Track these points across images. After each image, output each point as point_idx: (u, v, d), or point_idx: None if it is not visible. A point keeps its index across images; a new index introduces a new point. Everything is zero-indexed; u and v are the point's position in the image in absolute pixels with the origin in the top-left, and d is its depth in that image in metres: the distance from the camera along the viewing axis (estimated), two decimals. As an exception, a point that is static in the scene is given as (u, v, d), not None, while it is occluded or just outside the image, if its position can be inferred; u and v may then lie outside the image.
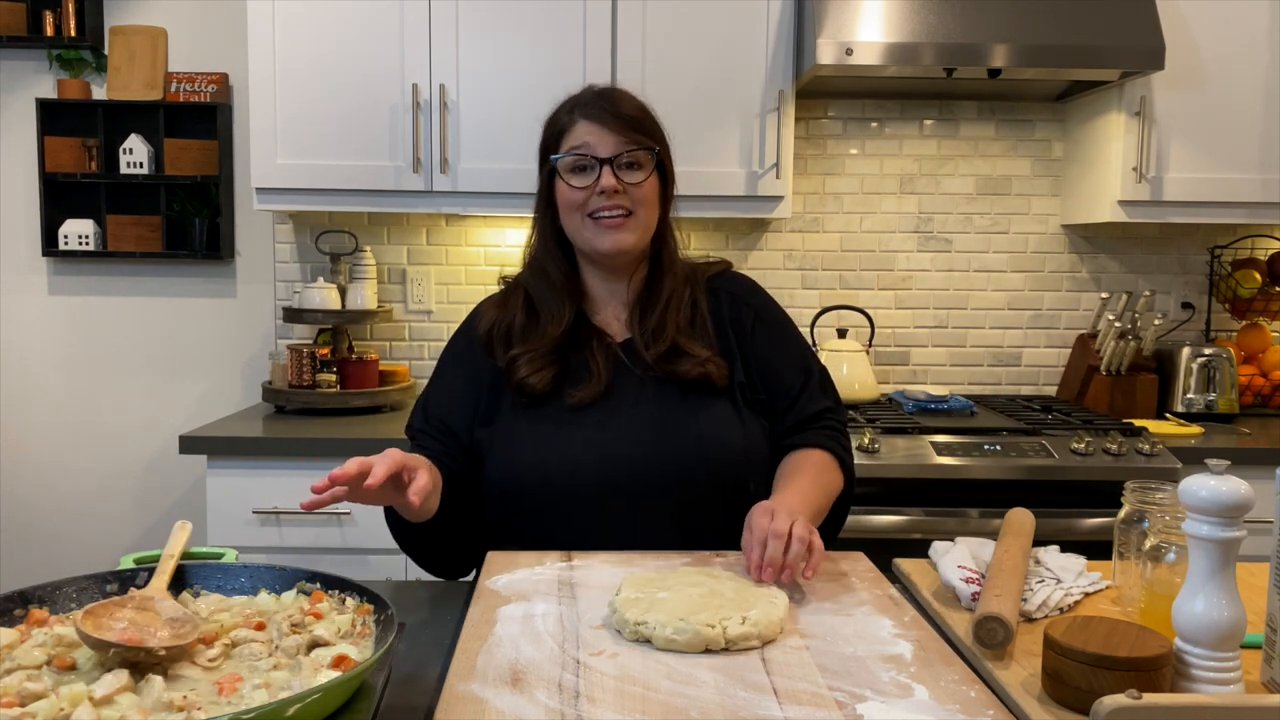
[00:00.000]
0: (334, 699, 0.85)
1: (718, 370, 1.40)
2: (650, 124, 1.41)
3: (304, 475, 2.29)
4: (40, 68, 2.87)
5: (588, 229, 1.39)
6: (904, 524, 2.23)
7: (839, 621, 1.06)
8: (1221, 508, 0.85)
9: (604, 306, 1.47)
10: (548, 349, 1.39)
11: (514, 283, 1.49)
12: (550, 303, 1.42)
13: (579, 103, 1.41)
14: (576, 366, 1.40)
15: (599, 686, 0.89)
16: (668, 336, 1.40)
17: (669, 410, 1.38)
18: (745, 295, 1.51)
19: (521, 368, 1.38)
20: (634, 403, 1.39)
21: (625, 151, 1.37)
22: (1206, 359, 2.69)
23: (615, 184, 1.35)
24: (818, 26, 2.36)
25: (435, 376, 1.50)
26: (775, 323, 1.50)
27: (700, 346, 1.41)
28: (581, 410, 1.37)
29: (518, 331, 1.42)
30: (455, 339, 1.51)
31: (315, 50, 2.50)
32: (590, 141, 1.37)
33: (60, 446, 2.95)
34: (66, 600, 1.03)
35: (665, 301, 1.42)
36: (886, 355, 2.98)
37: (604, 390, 1.38)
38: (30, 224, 2.88)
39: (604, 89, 1.44)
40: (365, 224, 2.90)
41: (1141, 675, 0.83)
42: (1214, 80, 2.57)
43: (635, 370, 1.41)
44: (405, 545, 1.41)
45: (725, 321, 1.46)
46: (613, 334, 1.45)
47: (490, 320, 1.45)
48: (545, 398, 1.38)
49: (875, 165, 2.94)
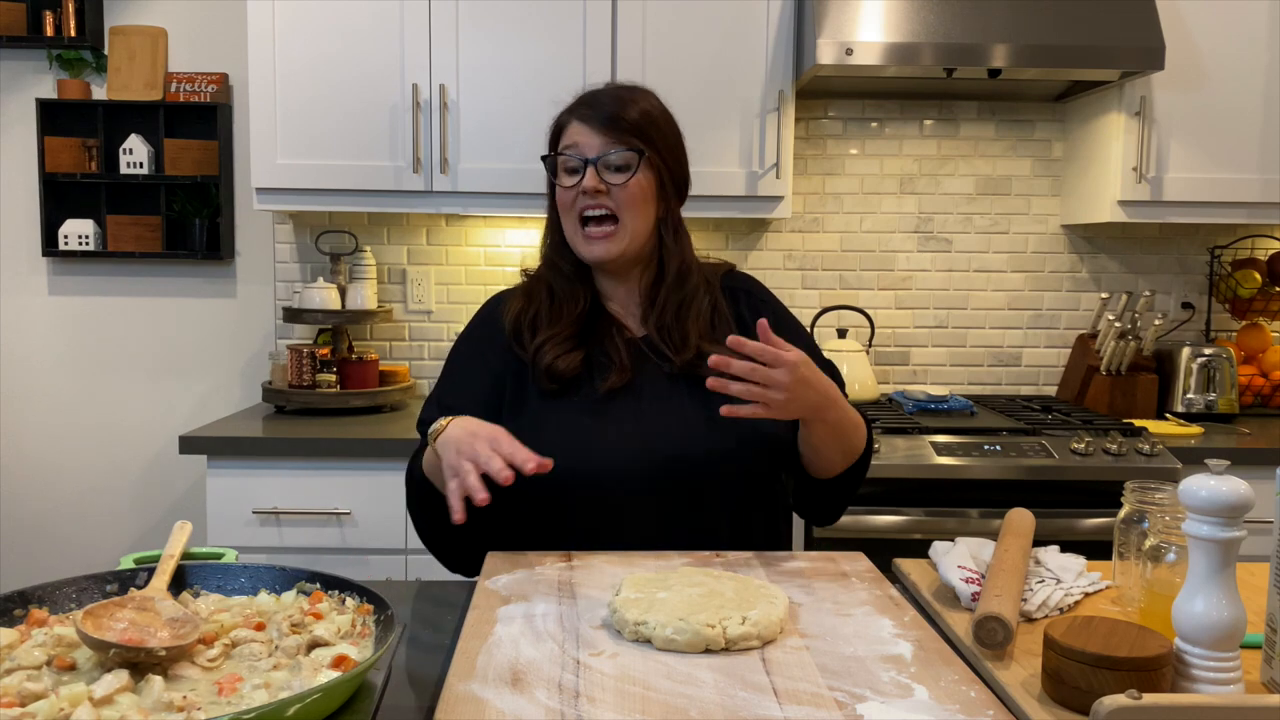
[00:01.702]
0: (334, 699, 0.85)
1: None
2: (649, 125, 1.40)
3: (304, 475, 2.31)
4: (40, 68, 2.87)
5: (577, 237, 1.41)
6: (904, 524, 2.23)
7: (839, 621, 1.06)
8: (1221, 508, 0.85)
9: (614, 300, 1.48)
10: (569, 332, 1.41)
11: (535, 276, 1.50)
12: (565, 290, 1.45)
13: (578, 102, 1.42)
14: (599, 355, 1.42)
15: (599, 686, 0.89)
16: (691, 345, 1.40)
17: (705, 403, 1.34)
18: (760, 295, 1.53)
19: (548, 353, 1.39)
20: (668, 396, 1.39)
21: (609, 152, 1.37)
22: (1206, 359, 2.69)
23: (597, 184, 1.37)
24: (818, 26, 2.36)
25: (449, 371, 1.49)
26: (791, 327, 1.51)
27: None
28: (612, 399, 1.37)
29: (543, 318, 1.43)
30: (471, 331, 1.51)
31: (315, 50, 2.51)
32: (578, 142, 1.39)
33: (60, 447, 2.95)
34: (66, 600, 1.03)
35: (680, 305, 1.43)
36: (886, 355, 2.98)
37: (630, 379, 1.39)
38: (30, 224, 2.88)
39: (609, 89, 1.44)
40: (365, 224, 2.90)
41: (1141, 675, 0.83)
42: (1214, 80, 2.57)
43: (662, 366, 1.41)
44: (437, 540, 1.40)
45: (746, 321, 1.47)
46: (629, 327, 1.46)
47: (517, 310, 1.46)
48: (573, 385, 1.39)
49: (875, 165, 2.94)
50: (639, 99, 1.42)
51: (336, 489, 2.31)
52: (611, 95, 1.42)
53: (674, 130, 1.45)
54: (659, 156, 1.41)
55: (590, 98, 1.42)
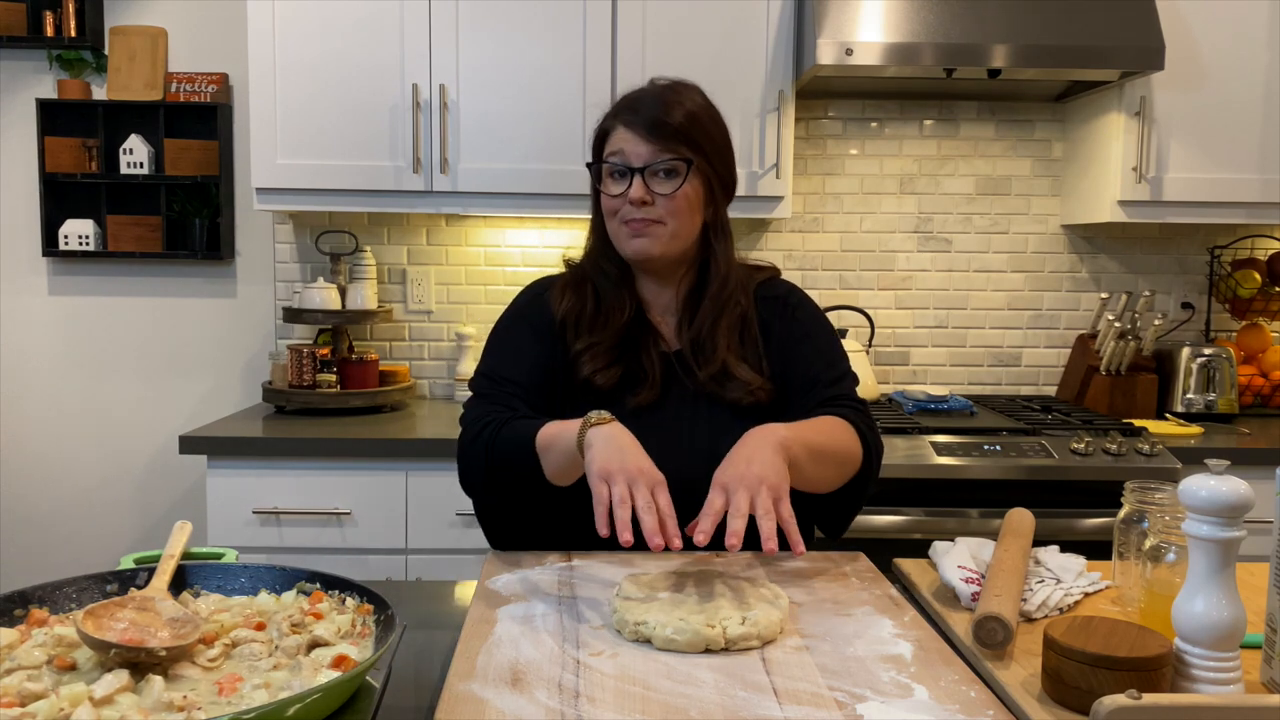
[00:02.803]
0: (334, 699, 0.85)
1: (767, 397, 1.41)
2: (695, 128, 1.39)
3: (304, 475, 2.31)
4: (40, 68, 2.86)
5: (620, 234, 1.41)
6: (904, 524, 2.23)
7: (839, 621, 1.06)
8: (1221, 508, 0.85)
9: (654, 307, 1.48)
10: (611, 343, 1.41)
11: (580, 271, 1.49)
12: (611, 295, 1.45)
13: (621, 106, 1.41)
14: (634, 367, 1.42)
15: (599, 686, 0.89)
16: (718, 357, 1.40)
17: (719, 431, 1.33)
18: (794, 302, 1.51)
19: (586, 364, 1.40)
20: (689, 419, 1.40)
21: (657, 162, 1.37)
22: (1206, 359, 2.69)
23: (643, 194, 1.36)
24: (818, 26, 2.36)
25: (500, 344, 1.47)
26: (814, 321, 1.50)
27: (749, 370, 1.41)
28: (639, 416, 1.36)
29: (587, 320, 1.43)
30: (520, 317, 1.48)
31: (315, 50, 2.51)
32: (625, 150, 1.38)
33: (60, 446, 2.95)
34: (66, 600, 1.03)
35: (716, 314, 1.42)
36: (886, 355, 2.98)
37: (658, 396, 1.40)
38: (30, 224, 2.88)
39: (652, 89, 1.42)
40: (365, 224, 2.90)
41: (1141, 675, 0.83)
42: (1214, 80, 2.57)
43: (688, 384, 1.42)
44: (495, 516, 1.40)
45: (769, 326, 1.46)
46: (665, 337, 1.46)
47: (566, 304, 1.45)
48: (606, 395, 1.39)
49: (875, 165, 2.94)
50: (683, 98, 1.40)
51: (336, 489, 2.31)
52: (655, 98, 1.39)
53: (721, 129, 1.43)
54: (707, 161, 1.40)
55: (634, 101, 1.40)
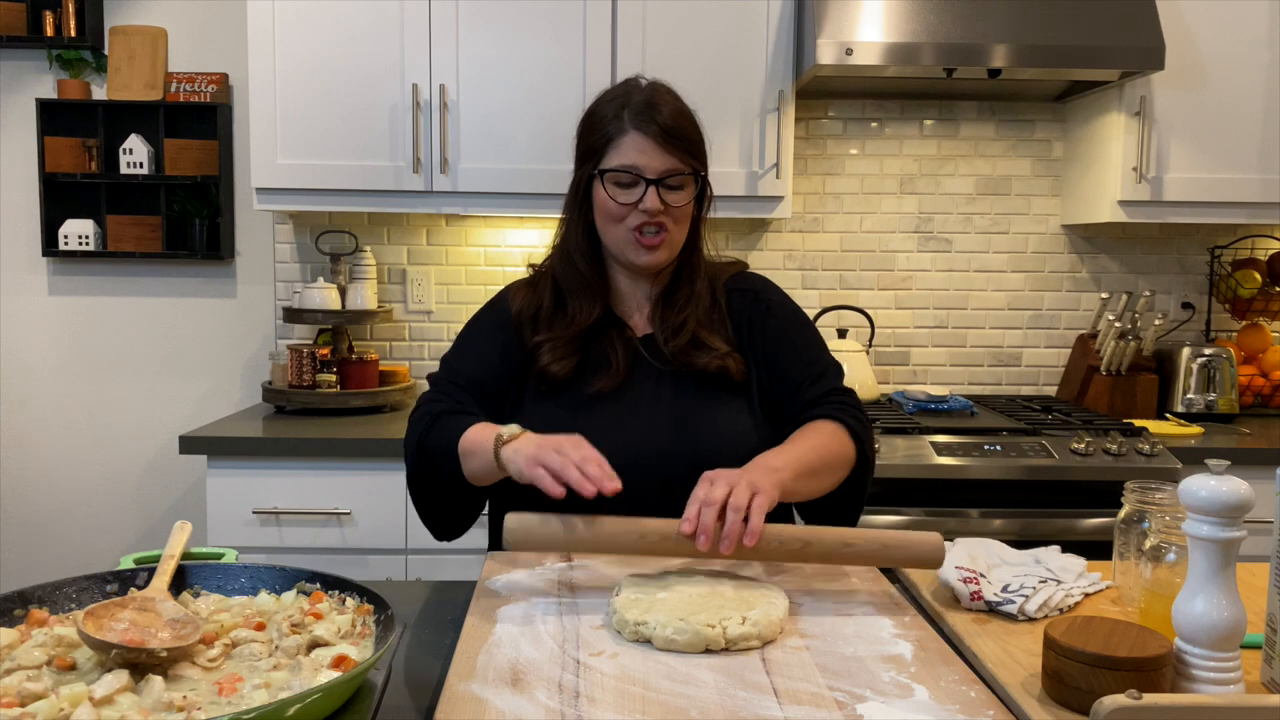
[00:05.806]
0: (334, 699, 0.85)
1: (735, 365, 1.42)
2: (693, 133, 1.40)
3: (304, 475, 2.31)
4: (40, 68, 2.86)
5: (629, 245, 1.40)
6: (904, 524, 2.23)
7: (839, 621, 1.06)
8: (1221, 508, 0.85)
9: (628, 300, 1.49)
10: (571, 338, 1.42)
11: (542, 269, 1.50)
12: (579, 295, 1.44)
13: (629, 108, 1.38)
14: (596, 356, 1.42)
15: (599, 686, 0.89)
16: (687, 330, 1.42)
17: (686, 404, 1.39)
18: (760, 291, 1.53)
19: (545, 354, 1.41)
20: (652, 397, 1.41)
21: (672, 174, 1.37)
22: (1206, 359, 2.69)
23: (660, 206, 1.37)
24: (818, 26, 2.36)
25: (464, 339, 1.50)
26: (789, 317, 1.51)
27: (719, 340, 1.43)
28: (599, 400, 1.39)
29: (544, 317, 1.44)
30: (485, 314, 1.52)
31: (315, 50, 2.50)
32: (639, 162, 1.36)
33: (60, 446, 2.95)
34: (66, 600, 1.03)
35: (689, 301, 1.45)
36: (886, 355, 2.98)
37: (622, 382, 1.40)
38: (30, 224, 2.88)
39: (652, 92, 1.41)
40: (365, 224, 2.90)
41: (1141, 675, 0.83)
42: (1214, 80, 2.56)
43: (654, 364, 1.43)
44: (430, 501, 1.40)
45: (743, 320, 1.47)
46: (634, 326, 1.47)
47: (521, 301, 1.47)
48: (564, 385, 1.40)
49: (875, 165, 2.94)
50: (680, 105, 1.41)
51: (336, 489, 2.31)
52: (665, 105, 1.39)
53: (702, 133, 1.44)
54: (704, 168, 1.42)
55: (645, 107, 1.38)
